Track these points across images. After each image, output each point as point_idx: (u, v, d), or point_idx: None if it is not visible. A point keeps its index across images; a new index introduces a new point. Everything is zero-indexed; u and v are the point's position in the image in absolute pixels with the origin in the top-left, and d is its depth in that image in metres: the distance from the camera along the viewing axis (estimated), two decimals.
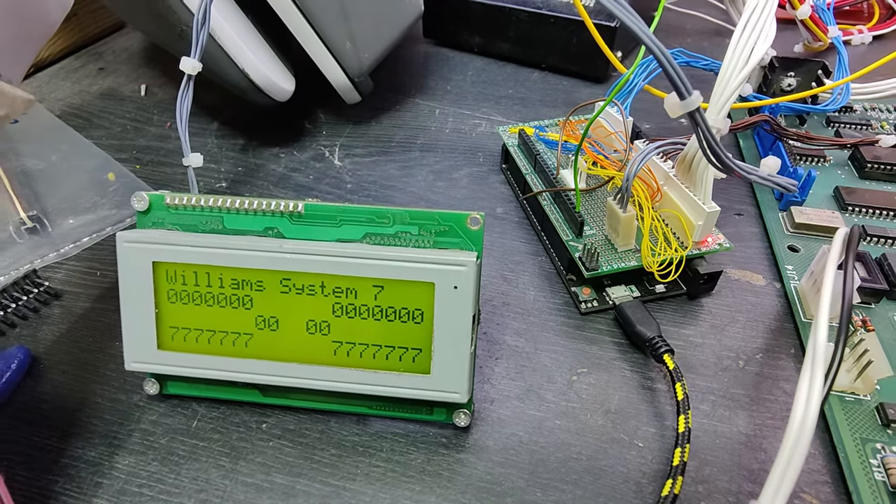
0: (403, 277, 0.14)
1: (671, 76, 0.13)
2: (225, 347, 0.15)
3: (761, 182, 0.17)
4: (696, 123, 0.14)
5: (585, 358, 0.19)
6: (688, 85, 0.13)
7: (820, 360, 0.12)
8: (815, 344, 0.13)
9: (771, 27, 0.17)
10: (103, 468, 0.16)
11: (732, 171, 0.15)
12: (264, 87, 0.25)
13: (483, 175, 0.27)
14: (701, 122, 0.14)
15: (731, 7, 0.32)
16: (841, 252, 0.15)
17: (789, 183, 0.17)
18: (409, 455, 0.16)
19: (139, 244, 0.15)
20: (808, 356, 0.13)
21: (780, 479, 0.11)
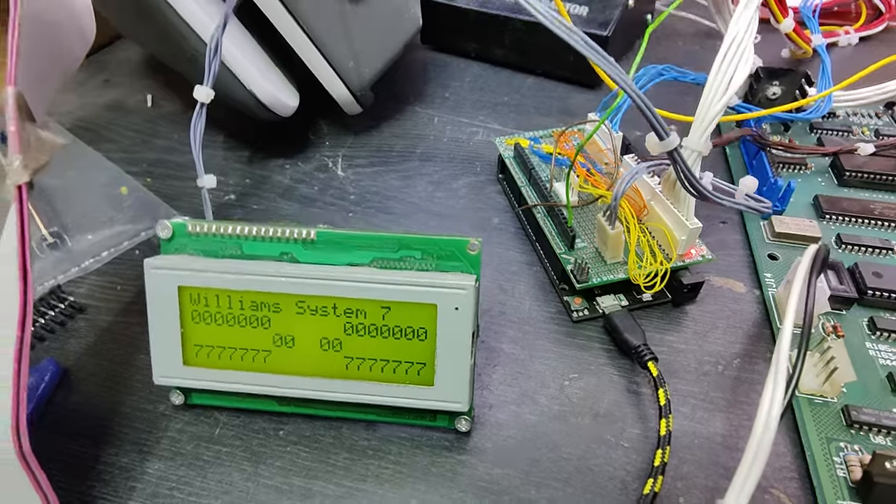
0: (408, 300, 0.16)
1: (650, 121, 0.14)
2: (245, 363, 0.17)
3: (734, 207, 0.18)
4: (674, 160, 0.15)
5: (576, 364, 0.20)
6: (665, 127, 0.14)
7: (782, 368, 0.14)
8: (778, 353, 0.14)
9: (749, 57, 0.18)
10: (135, 473, 0.17)
11: (707, 200, 0.17)
12: (270, 105, 0.26)
13: (481, 185, 0.28)
14: (678, 159, 0.15)
15: (718, 17, 0.33)
16: (808, 269, 0.16)
17: (762, 206, 0.19)
18: (415, 458, 0.18)
19: (165, 270, 0.16)
20: (772, 363, 0.14)
21: (744, 477, 0.13)
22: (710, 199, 0.17)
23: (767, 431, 0.13)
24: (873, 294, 0.20)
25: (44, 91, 0.16)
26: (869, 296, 0.21)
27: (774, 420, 0.13)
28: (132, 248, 0.25)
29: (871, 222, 0.24)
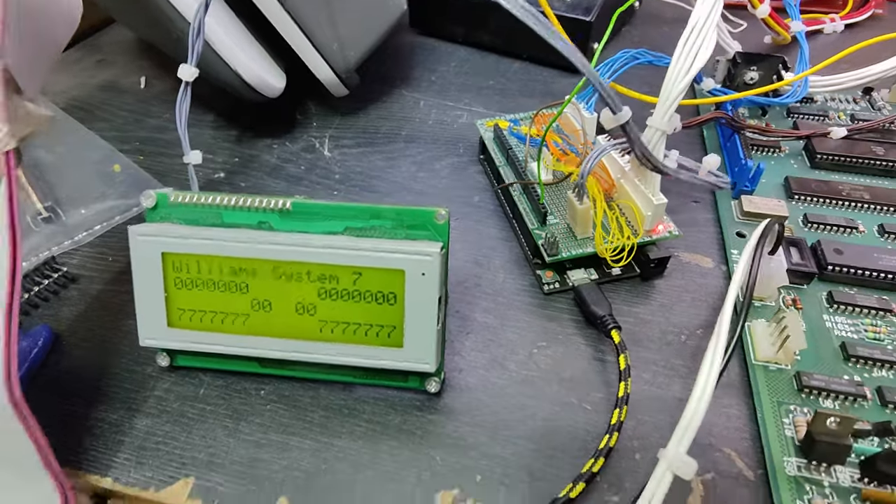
0: (378, 266, 0.17)
1: (603, 96, 0.15)
2: (225, 326, 0.18)
3: (692, 181, 0.19)
4: (626, 133, 0.16)
5: (546, 333, 0.21)
6: (617, 102, 0.15)
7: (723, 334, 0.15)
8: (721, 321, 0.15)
9: (712, 38, 0.19)
10: (124, 429, 0.18)
11: (664, 173, 0.18)
12: (256, 86, 0.27)
13: (463, 165, 0.29)
14: (631, 133, 0.16)
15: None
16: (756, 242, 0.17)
17: (721, 181, 0.19)
18: (388, 416, 0.19)
19: (150, 237, 0.17)
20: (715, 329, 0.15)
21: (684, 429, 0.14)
22: (666, 173, 0.18)
23: (707, 388, 0.14)
24: (833, 269, 0.21)
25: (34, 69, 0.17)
26: (829, 271, 0.21)
27: (713, 378, 0.14)
28: (123, 223, 0.26)
29: (838, 202, 0.25)
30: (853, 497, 0.16)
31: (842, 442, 0.16)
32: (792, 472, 0.16)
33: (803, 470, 0.16)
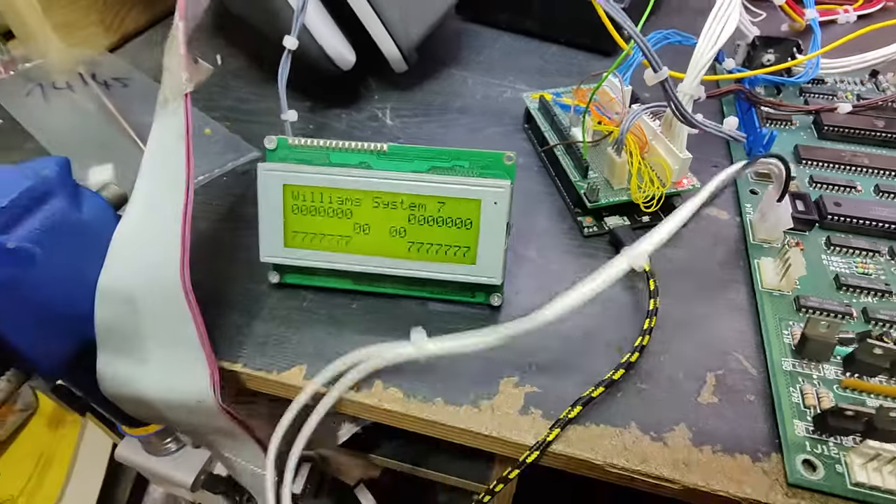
0: (459, 196, 0.21)
1: (647, 56, 0.19)
2: (331, 245, 0.22)
3: (715, 132, 0.23)
4: (665, 90, 0.20)
5: (586, 267, 0.25)
6: (659, 62, 0.19)
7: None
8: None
9: (735, 17, 0.23)
10: (245, 330, 0.23)
11: (693, 125, 0.21)
12: (335, 58, 0.31)
13: (508, 133, 0.33)
14: (669, 89, 0.20)
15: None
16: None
17: (738, 135, 0.23)
18: (458, 326, 0.23)
19: (274, 171, 0.22)
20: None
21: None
22: (695, 124, 0.22)
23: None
24: (832, 218, 0.25)
25: (191, 28, 0.21)
26: (828, 220, 0.25)
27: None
28: (221, 175, 0.30)
29: (840, 167, 0.28)
30: (835, 386, 0.20)
31: (829, 341, 0.20)
32: (788, 368, 0.20)
33: (797, 366, 0.20)
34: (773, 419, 0.19)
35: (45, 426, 0.63)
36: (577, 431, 0.19)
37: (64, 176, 0.21)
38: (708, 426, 0.20)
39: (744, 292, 0.24)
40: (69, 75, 0.36)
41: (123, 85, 0.36)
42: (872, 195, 0.27)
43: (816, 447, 0.18)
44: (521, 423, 0.20)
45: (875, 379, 0.20)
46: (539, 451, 0.19)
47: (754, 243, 0.25)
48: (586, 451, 0.19)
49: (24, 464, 0.60)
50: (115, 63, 0.38)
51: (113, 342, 0.21)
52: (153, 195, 0.20)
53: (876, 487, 0.17)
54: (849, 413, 0.17)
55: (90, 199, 0.22)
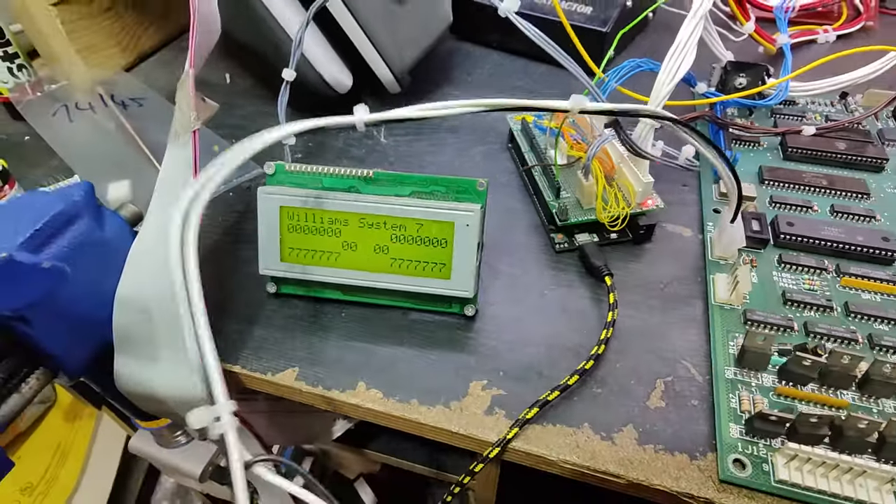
0: (435, 218, 0.23)
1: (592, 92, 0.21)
2: (322, 261, 0.25)
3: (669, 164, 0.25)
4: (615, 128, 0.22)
5: (555, 280, 0.27)
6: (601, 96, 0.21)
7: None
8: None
9: (691, 56, 0.25)
10: (244, 335, 0.26)
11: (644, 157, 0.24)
12: (332, 83, 0.34)
13: (494, 152, 0.35)
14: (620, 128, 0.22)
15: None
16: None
17: (690, 164, 0.26)
18: (436, 333, 0.25)
19: (272, 195, 0.24)
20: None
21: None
22: (646, 157, 0.24)
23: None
24: (784, 237, 0.27)
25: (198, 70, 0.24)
26: (781, 239, 0.27)
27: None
28: (227, 191, 0.33)
29: (800, 187, 0.30)
30: (770, 393, 0.22)
31: (766, 352, 0.22)
32: (730, 376, 0.23)
33: (738, 375, 0.23)
34: (713, 422, 0.22)
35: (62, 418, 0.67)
36: (535, 431, 0.22)
37: (89, 199, 0.24)
38: (654, 428, 0.22)
39: (700, 306, 0.26)
40: (91, 95, 0.39)
41: (139, 104, 0.39)
42: (828, 215, 0.29)
43: (747, 448, 0.21)
44: (486, 423, 0.22)
45: (807, 387, 0.22)
46: (500, 447, 0.21)
47: (712, 260, 0.27)
48: (542, 448, 0.21)
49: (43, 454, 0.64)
50: (130, 82, 0.41)
51: (129, 345, 0.24)
52: (164, 216, 0.23)
53: (796, 485, 0.19)
54: (772, 418, 0.20)
55: (111, 219, 0.25)
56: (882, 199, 0.30)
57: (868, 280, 0.26)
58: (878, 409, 0.21)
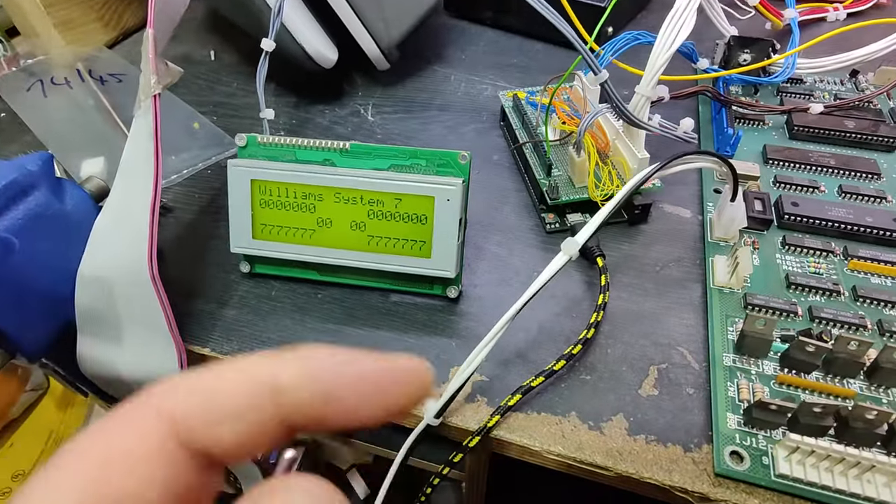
0: (414, 193, 0.22)
1: (586, 59, 0.19)
2: (296, 238, 0.23)
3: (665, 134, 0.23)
4: (606, 92, 0.20)
5: (545, 262, 0.25)
6: (597, 65, 0.20)
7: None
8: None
9: (690, 22, 0.23)
10: (216, 316, 0.24)
11: (640, 126, 0.22)
12: (315, 57, 0.32)
13: (486, 130, 0.34)
14: (610, 91, 0.20)
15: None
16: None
17: (688, 137, 0.24)
18: (416, 315, 0.24)
19: (242, 167, 0.23)
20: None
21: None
22: (642, 126, 0.22)
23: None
24: (788, 218, 0.26)
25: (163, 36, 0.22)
26: (785, 219, 0.26)
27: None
28: (205, 169, 0.32)
29: (806, 167, 0.29)
30: (771, 382, 0.20)
31: (766, 338, 0.20)
32: (728, 363, 0.21)
33: (737, 362, 0.21)
34: (709, 412, 0.20)
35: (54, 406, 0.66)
36: (518, 419, 0.20)
37: (46, 170, 0.22)
38: (646, 417, 0.20)
39: (698, 289, 0.24)
40: (68, 71, 0.38)
41: (118, 80, 0.37)
42: (835, 196, 0.27)
43: (746, 439, 0.19)
44: (467, 410, 0.21)
45: (810, 375, 0.20)
46: (480, 436, 0.20)
47: (711, 241, 0.26)
48: (525, 438, 0.20)
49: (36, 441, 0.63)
50: (111, 59, 0.40)
51: (91, 326, 0.22)
52: (127, 190, 0.22)
53: (798, 479, 0.18)
54: (773, 407, 0.18)
55: (72, 192, 0.23)
56: (895, 180, 0.28)
57: (878, 263, 0.24)
58: (889, 399, 0.20)
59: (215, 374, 0.09)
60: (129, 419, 0.09)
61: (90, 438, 0.09)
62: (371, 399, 0.09)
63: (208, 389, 0.09)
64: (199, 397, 0.09)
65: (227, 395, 0.09)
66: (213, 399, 0.09)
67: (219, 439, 0.09)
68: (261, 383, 0.09)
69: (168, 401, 0.09)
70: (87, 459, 0.08)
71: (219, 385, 0.09)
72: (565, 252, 0.19)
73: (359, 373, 0.09)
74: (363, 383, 0.09)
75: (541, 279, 0.20)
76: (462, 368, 0.19)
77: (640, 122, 0.22)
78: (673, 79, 0.32)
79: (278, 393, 0.09)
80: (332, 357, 0.09)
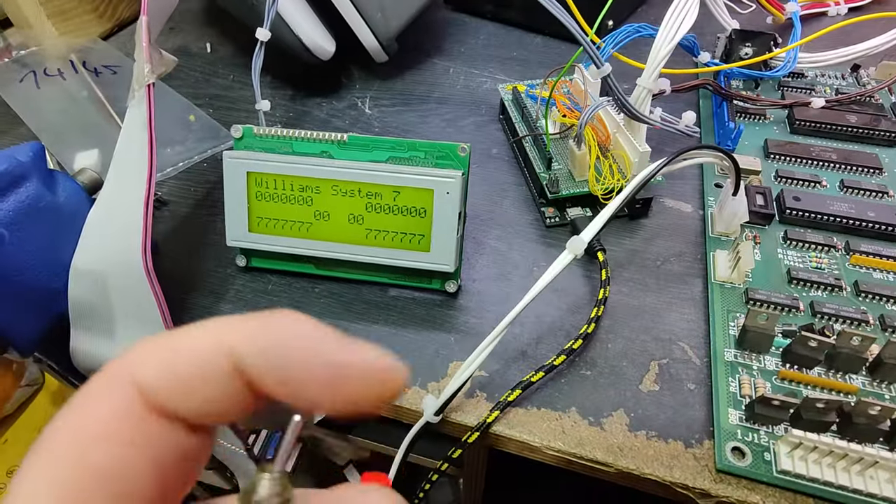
0: (413, 185, 0.21)
1: (589, 52, 0.19)
2: (293, 231, 0.23)
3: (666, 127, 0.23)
4: (609, 85, 0.20)
5: (545, 256, 0.26)
6: (600, 58, 0.19)
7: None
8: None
9: (693, 14, 0.23)
10: (212, 310, 0.24)
11: (641, 119, 0.22)
12: (312, 48, 0.32)
13: (485, 123, 0.33)
14: (612, 84, 0.20)
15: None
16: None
17: (690, 131, 0.24)
18: (415, 310, 0.24)
19: (238, 159, 0.22)
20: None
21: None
22: (643, 120, 0.22)
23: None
24: (790, 213, 0.25)
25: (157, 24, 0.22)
26: (787, 214, 0.25)
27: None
28: (201, 161, 0.31)
29: (807, 161, 0.29)
30: (773, 377, 0.20)
31: (768, 333, 0.20)
32: (730, 358, 0.21)
33: (738, 357, 0.21)
34: (710, 407, 0.20)
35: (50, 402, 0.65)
36: (518, 414, 0.20)
37: (38, 161, 0.22)
38: (646, 413, 0.20)
39: (699, 284, 0.24)
40: (62, 62, 0.37)
41: (113, 72, 0.37)
42: (837, 191, 0.27)
43: (748, 435, 0.19)
44: (466, 406, 0.21)
45: (813, 371, 0.20)
46: (479, 431, 0.20)
47: (712, 236, 0.26)
48: (525, 434, 0.20)
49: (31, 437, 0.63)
50: (106, 50, 0.39)
51: (85, 320, 0.22)
52: (121, 182, 0.21)
53: (800, 475, 0.18)
54: (775, 403, 0.18)
55: (64, 184, 0.23)
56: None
57: (880, 258, 0.24)
58: (891, 394, 0.20)
59: (176, 338, 0.09)
60: (100, 392, 0.09)
61: (64, 418, 0.08)
62: (331, 392, 0.09)
63: (169, 355, 0.09)
64: (161, 363, 0.09)
65: (187, 360, 0.09)
66: (174, 364, 0.09)
67: (186, 404, 0.09)
68: (217, 350, 0.09)
69: (135, 368, 0.09)
70: (63, 441, 0.08)
71: (179, 349, 0.09)
72: (570, 251, 0.18)
73: (320, 360, 0.09)
74: (323, 372, 0.09)
75: (545, 279, 0.19)
76: (463, 368, 0.19)
77: (642, 116, 0.22)
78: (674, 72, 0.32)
79: (237, 359, 0.09)
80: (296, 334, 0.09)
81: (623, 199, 0.19)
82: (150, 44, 0.19)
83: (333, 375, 0.09)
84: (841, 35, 0.32)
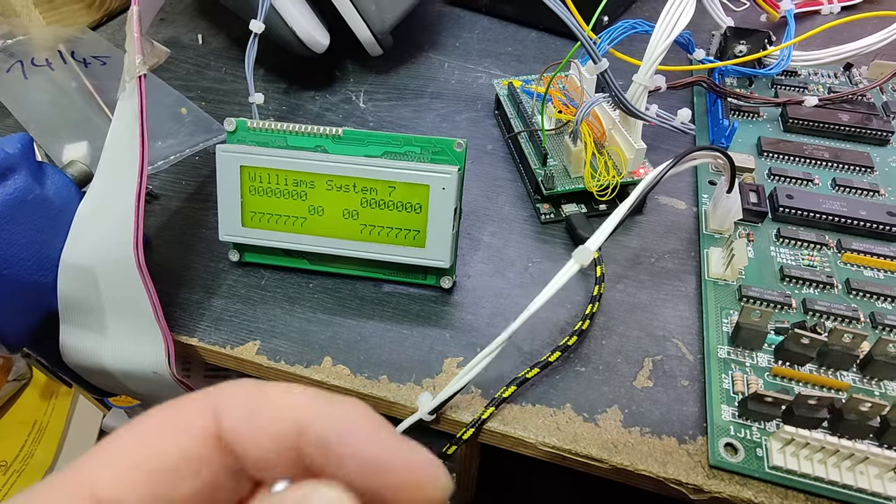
0: (408, 181, 0.21)
1: (586, 48, 0.19)
2: (287, 226, 0.23)
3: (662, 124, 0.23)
4: (605, 81, 0.20)
5: (540, 252, 0.26)
6: (598, 54, 0.19)
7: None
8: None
9: (690, 10, 0.23)
10: (204, 306, 0.24)
11: (637, 116, 0.22)
12: (306, 41, 0.31)
13: (480, 119, 0.33)
14: (609, 80, 0.20)
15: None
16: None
17: (687, 128, 0.24)
18: (410, 306, 0.23)
19: (231, 153, 0.22)
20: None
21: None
22: (639, 116, 0.22)
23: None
24: (783, 210, 0.25)
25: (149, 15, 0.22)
26: (780, 212, 0.26)
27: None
28: (192, 155, 0.31)
29: (800, 160, 0.29)
30: (766, 374, 0.20)
31: (761, 330, 0.20)
32: (723, 355, 0.21)
33: (731, 354, 0.21)
34: (704, 404, 0.20)
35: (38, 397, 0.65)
36: (513, 411, 0.20)
37: (26, 153, 0.21)
38: (640, 409, 0.20)
39: (692, 282, 0.24)
40: (50, 52, 0.37)
41: (102, 63, 0.36)
42: (829, 189, 0.27)
43: (740, 431, 0.19)
44: (461, 402, 0.21)
45: (804, 368, 0.20)
46: (474, 428, 0.20)
47: (706, 233, 0.26)
48: (520, 430, 0.20)
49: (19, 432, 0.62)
50: (95, 41, 0.38)
51: (75, 315, 0.22)
52: (112, 175, 0.21)
53: (792, 471, 0.18)
54: (768, 399, 0.18)
55: (53, 177, 0.22)
56: (887, 174, 0.28)
57: (871, 256, 0.24)
58: (882, 391, 0.20)
59: (263, 395, 0.10)
60: (184, 413, 0.10)
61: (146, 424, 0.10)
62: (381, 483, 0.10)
63: (253, 407, 0.10)
64: (246, 411, 0.10)
65: (269, 417, 0.10)
66: (257, 415, 0.10)
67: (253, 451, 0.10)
68: (293, 418, 0.10)
69: (222, 406, 0.10)
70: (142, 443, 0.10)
71: (261, 410, 0.10)
72: (576, 261, 0.18)
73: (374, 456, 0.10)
74: (375, 465, 0.10)
75: (549, 289, 0.19)
76: (461, 375, 0.19)
77: (638, 112, 0.22)
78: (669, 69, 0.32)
79: (304, 437, 0.10)
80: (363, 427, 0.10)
81: (631, 204, 0.19)
82: (142, 34, 0.19)
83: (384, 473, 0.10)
84: (834, 34, 0.32)
